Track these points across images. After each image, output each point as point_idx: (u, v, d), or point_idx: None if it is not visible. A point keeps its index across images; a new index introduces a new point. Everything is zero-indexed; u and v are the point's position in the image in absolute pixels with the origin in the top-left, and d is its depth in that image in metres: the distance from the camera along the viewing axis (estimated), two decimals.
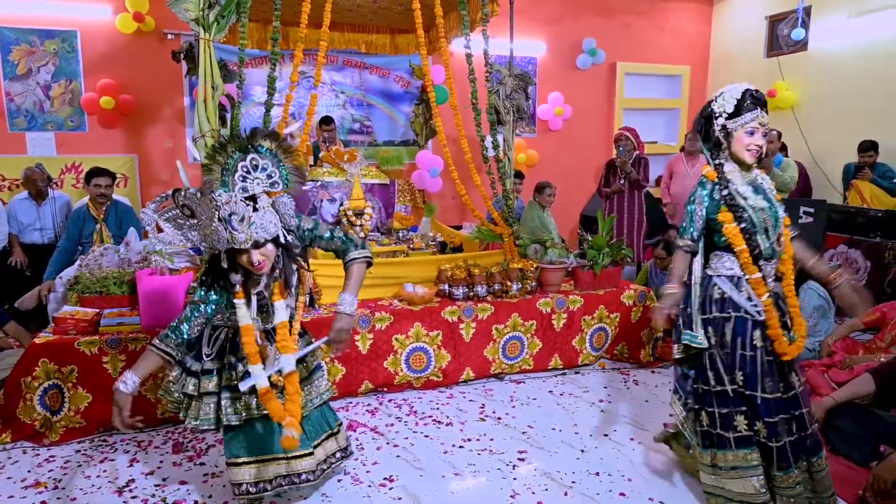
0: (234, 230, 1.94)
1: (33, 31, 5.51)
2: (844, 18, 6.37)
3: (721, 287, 2.29)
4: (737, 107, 2.23)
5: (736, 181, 2.28)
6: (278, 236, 2.08)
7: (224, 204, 1.94)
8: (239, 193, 2.00)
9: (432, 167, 6.13)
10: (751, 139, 2.23)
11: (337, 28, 5.17)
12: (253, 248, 2.00)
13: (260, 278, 2.14)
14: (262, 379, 2.10)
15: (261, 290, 2.16)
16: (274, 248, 2.08)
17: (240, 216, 1.95)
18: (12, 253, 4.79)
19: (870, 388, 2.77)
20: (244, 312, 2.11)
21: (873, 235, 5.02)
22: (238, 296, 2.12)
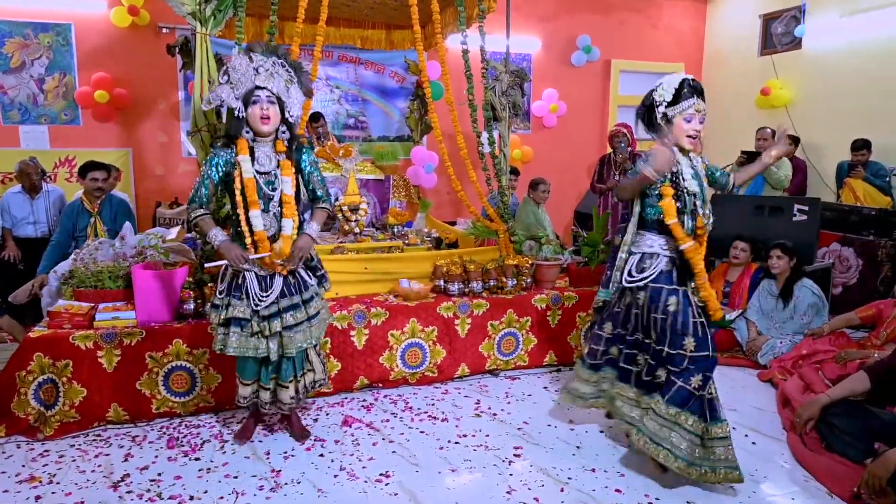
0: (258, 74, 2.50)
1: (27, 23, 5.47)
2: (837, 17, 6.40)
3: (634, 262, 2.63)
4: (675, 95, 2.44)
5: (682, 162, 2.49)
6: (285, 108, 2.58)
7: (258, 60, 2.52)
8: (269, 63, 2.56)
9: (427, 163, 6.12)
10: (689, 125, 2.46)
11: (333, 23, 5.15)
12: (266, 98, 2.50)
13: (265, 144, 2.60)
14: (258, 221, 2.57)
15: (263, 160, 2.59)
16: (279, 114, 2.55)
17: (265, 68, 2.53)
18: (5, 247, 4.76)
19: (865, 386, 2.79)
20: (248, 167, 2.54)
21: (866, 234, 5.06)
22: (242, 150, 2.54)
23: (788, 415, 3.12)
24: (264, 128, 2.54)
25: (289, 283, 2.68)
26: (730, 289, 4.50)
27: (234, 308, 2.61)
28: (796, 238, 4.39)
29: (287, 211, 2.61)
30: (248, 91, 2.51)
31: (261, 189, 2.58)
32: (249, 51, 2.55)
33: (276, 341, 2.67)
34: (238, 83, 2.52)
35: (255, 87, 2.50)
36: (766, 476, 2.65)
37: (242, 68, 2.51)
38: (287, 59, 2.62)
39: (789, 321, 4.06)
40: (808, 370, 3.45)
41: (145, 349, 3.07)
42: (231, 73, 2.53)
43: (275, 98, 2.54)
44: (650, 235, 2.60)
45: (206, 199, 2.63)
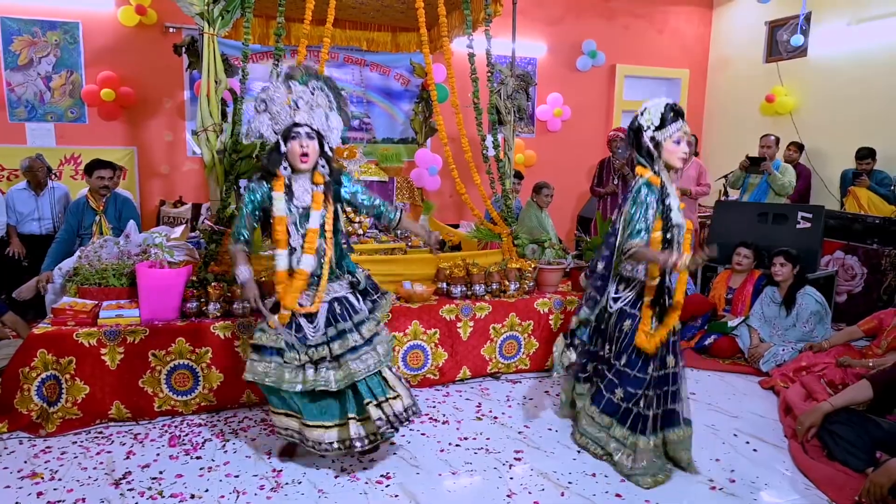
0: (298, 108, 2.42)
1: (35, 21, 5.50)
2: (844, 25, 6.40)
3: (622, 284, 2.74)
4: (662, 119, 2.51)
5: (671, 194, 2.55)
6: (324, 141, 2.49)
7: (297, 91, 2.43)
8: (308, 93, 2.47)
9: (431, 165, 6.14)
10: (678, 147, 2.53)
11: (339, 25, 5.17)
12: (305, 135, 2.41)
13: (302, 177, 2.50)
14: (283, 262, 2.49)
15: (300, 194, 2.49)
16: (317, 150, 2.46)
17: (306, 101, 2.44)
18: (10, 243, 4.78)
19: (867, 395, 2.79)
20: (281, 205, 2.46)
21: (870, 242, 5.05)
22: (277, 187, 2.47)
23: (790, 422, 3.11)
24: (303, 165, 2.45)
25: (333, 311, 2.57)
26: (732, 296, 4.49)
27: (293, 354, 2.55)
28: (799, 245, 4.39)
29: (308, 246, 2.47)
30: (288, 127, 2.43)
31: (298, 226, 2.50)
32: (289, 78, 2.45)
33: (330, 370, 2.53)
34: (277, 116, 2.44)
35: (294, 123, 2.42)
36: (767, 483, 2.64)
37: (281, 100, 2.43)
38: (327, 83, 2.52)
39: (792, 329, 4.05)
40: (810, 378, 3.44)
41: (148, 347, 3.08)
42: (269, 104, 2.44)
43: (314, 133, 2.45)
44: (628, 263, 2.67)
45: (246, 236, 2.55)
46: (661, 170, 2.55)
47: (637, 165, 2.62)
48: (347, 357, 2.51)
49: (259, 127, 2.45)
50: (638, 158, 2.60)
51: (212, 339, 3.17)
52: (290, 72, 2.46)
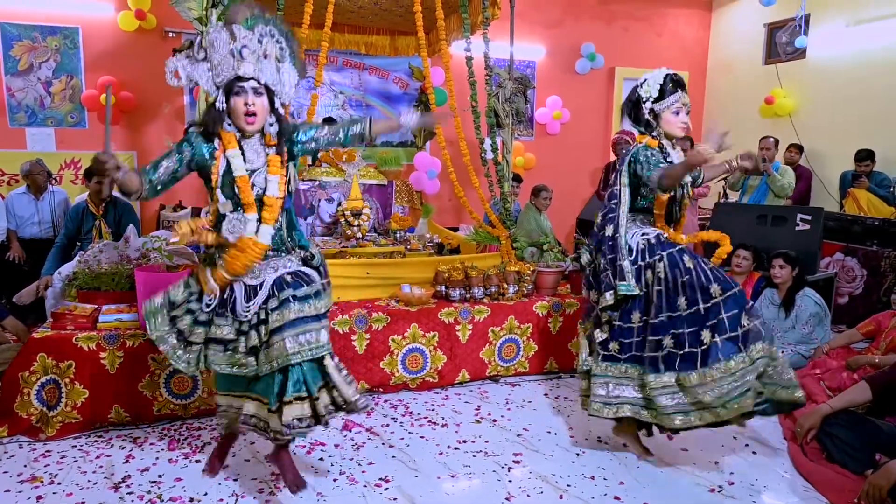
0: (243, 59, 2.05)
1: (35, 27, 5.52)
2: (843, 27, 6.41)
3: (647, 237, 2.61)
4: (661, 91, 2.52)
5: (672, 154, 2.54)
6: (274, 96, 2.14)
7: (241, 37, 2.05)
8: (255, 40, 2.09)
9: (430, 169, 6.14)
10: (677, 118, 2.54)
11: (337, 29, 5.18)
12: (252, 91, 2.07)
13: (251, 138, 2.16)
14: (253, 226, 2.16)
15: (250, 156, 2.15)
16: (267, 107, 2.13)
17: (251, 50, 2.07)
18: (10, 248, 4.79)
19: (866, 397, 2.78)
20: (239, 162, 2.12)
21: (870, 244, 5.05)
22: (230, 144, 2.12)
23: (789, 425, 3.11)
24: (249, 127, 2.12)
25: (281, 282, 2.20)
26: None
27: (218, 328, 2.23)
28: (799, 247, 4.39)
29: (268, 215, 2.17)
30: (230, 80, 2.07)
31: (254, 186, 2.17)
32: (230, 22, 2.07)
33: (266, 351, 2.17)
34: (219, 66, 2.07)
35: (237, 76, 2.07)
36: (766, 486, 2.64)
37: (224, 48, 2.05)
38: (277, 26, 2.15)
39: (791, 331, 4.05)
40: (810, 380, 3.44)
41: (147, 351, 3.08)
42: (209, 51, 2.08)
43: (263, 88, 2.10)
44: (641, 225, 2.65)
45: (153, 177, 2.11)
46: (660, 137, 2.55)
47: (638, 135, 2.63)
48: (286, 332, 2.11)
49: (194, 73, 2.10)
50: (639, 128, 2.60)
51: None
52: (231, 14, 2.10)
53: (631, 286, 2.58)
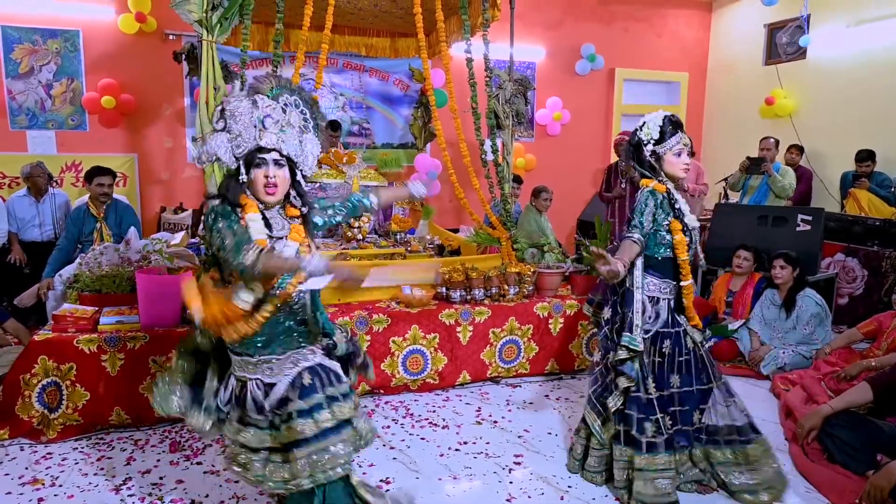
0: (266, 129, 1.92)
1: (36, 30, 5.53)
2: (843, 27, 6.42)
3: (656, 306, 2.50)
4: (661, 132, 2.49)
5: (679, 200, 2.51)
6: (295, 167, 2.01)
7: (265, 106, 1.93)
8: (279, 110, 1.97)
9: (430, 170, 6.15)
10: (679, 159, 2.51)
11: (338, 31, 5.19)
12: (273, 162, 1.93)
13: (272, 209, 2.00)
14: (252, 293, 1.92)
15: (276, 225, 2.00)
16: (288, 179, 1.98)
17: (275, 120, 1.94)
18: (11, 250, 4.80)
19: (867, 397, 2.78)
20: (259, 226, 1.94)
21: (871, 244, 5.05)
22: (250, 209, 1.95)
23: (791, 425, 3.10)
24: (270, 198, 1.95)
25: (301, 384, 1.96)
26: (732, 298, 4.49)
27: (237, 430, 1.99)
28: (799, 248, 4.39)
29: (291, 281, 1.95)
30: (251, 151, 1.92)
31: None
32: (254, 91, 1.95)
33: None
34: (239, 137, 1.92)
35: (258, 147, 1.92)
36: None
37: (245, 117, 1.91)
38: (302, 97, 2.03)
39: (792, 331, 4.05)
40: (811, 381, 3.44)
41: (148, 353, 3.08)
42: (230, 121, 1.92)
43: (284, 160, 1.95)
44: (652, 279, 2.50)
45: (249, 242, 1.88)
46: (665, 180, 2.54)
47: (642, 178, 2.61)
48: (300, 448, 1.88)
49: (215, 147, 1.92)
50: (641, 171, 2.59)
51: None
52: (256, 83, 1.98)
53: (636, 339, 2.41)
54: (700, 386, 2.53)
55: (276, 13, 3.61)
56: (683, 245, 2.47)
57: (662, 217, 2.47)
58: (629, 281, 2.49)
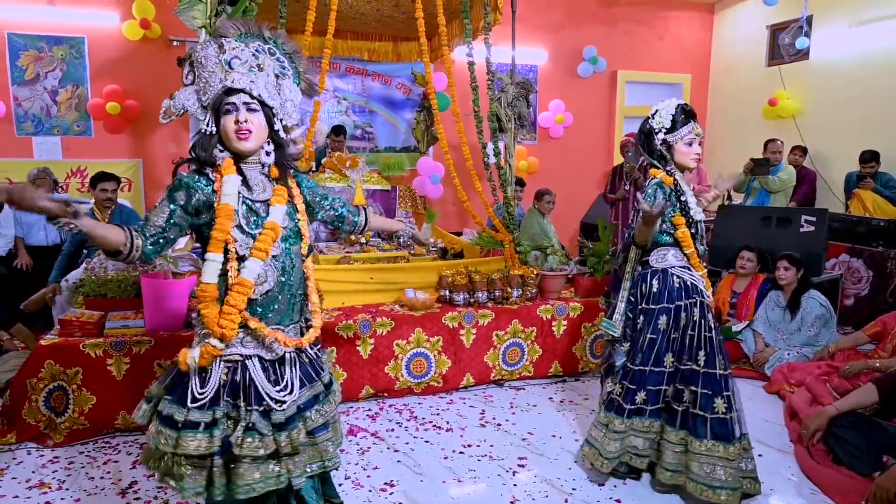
0: (232, 69, 1.69)
1: (41, 37, 5.57)
2: (846, 28, 6.41)
3: (681, 276, 2.51)
4: (673, 121, 2.48)
5: (686, 192, 2.51)
6: (275, 119, 1.76)
7: (231, 48, 1.71)
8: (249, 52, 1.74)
9: (433, 174, 6.16)
10: (691, 149, 2.50)
11: (340, 36, 5.22)
12: (243, 106, 1.69)
13: (252, 168, 1.76)
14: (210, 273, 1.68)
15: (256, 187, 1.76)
16: (264, 125, 1.73)
17: (243, 60, 1.71)
18: (17, 255, 4.83)
19: (873, 398, 2.77)
20: (231, 189, 1.68)
21: (875, 245, 5.03)
22: (227, 170, 1.70)
23: (796, 427, 3.10)
24: (242, 144, 1.70)
25: (303, 363, 1.81)
26: (737, 300, 4.48)
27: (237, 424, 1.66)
28: (804, 249, 4.38)
29: (259, 245, 1.70)
30: (218, 95, 1.70)
31: (247, 227, 1.71)
32: (220, 35, 1.73)
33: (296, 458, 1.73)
34: (206, 84, 1.71)
35: (226, 88, 1.69)
36: (772, 489, 2.63)
37: (212, 62, 1.70)
38: (277, 43, 1.80)
39: (797, 333, 4.04)
40: (816, 382, 3.43)
41: (153, 357, 3.10)
42: (198, 69, 1.72)
43: (257, 103, 1.71)
44: (662, 248, 2.54)
45: (148, 238, 1.65)
46: (673, 171, 2.53)
47: (650, 168, 2.60)
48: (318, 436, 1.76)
49: (182, 99, 1.73)
50: (650, 160, 2.57)
51: None
52: (221, 27, 1.75)
53: (613, 325, 2.59)
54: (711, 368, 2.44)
55: (279, 18, 3.64)
56: (688, 238, 2.48)
57: (669, 210, 2.47)
58: (620, 266, 2.61)
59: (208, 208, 1.71)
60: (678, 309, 2.49)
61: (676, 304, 2.49)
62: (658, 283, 2.52)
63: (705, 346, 2.46)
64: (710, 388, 2.42)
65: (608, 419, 2.56)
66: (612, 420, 2.54)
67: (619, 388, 2.55)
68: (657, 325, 2.49)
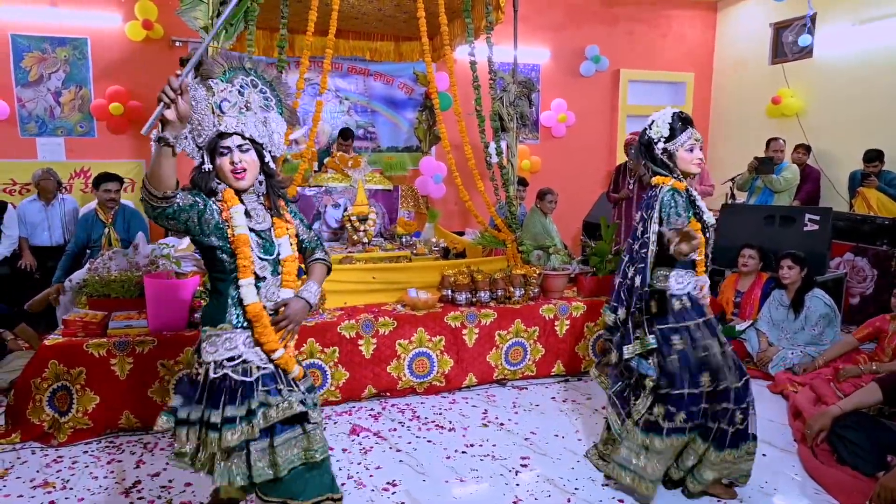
0: (223, 113, 1.84)
1: (45, 38, 5.59)
2: (849, 26, 6.38)
3: (683, 299, 2.50)
4: (671, 129, 2.48)
5: (696, 196, 2.50)
6: (263, 151, 1.91)
7: (220, 91, 1.85)
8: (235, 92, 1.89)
9: (436, 173, 6.16)
10: (692, 155, 2.49)
11: (342, 35, 5.23)
12: (237, 148, 1.84)
13: (249, 196, 1.93)
14: (251, 295, 1.85)
15: (257, 216, 1.92)
16: (257, 161, 1.89)
17: (232, 103, 1.86)
18: (22, 256, 4.85)
19: (876, 398, 2.76)
20: (241, 220, 1.86)
21: (880, 243, 5.01)
22: (231, 201, 1.86)
23: (799, 426, 3.09)
24: (240, 183, 1.86)
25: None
26: (740, 299, 4.47)
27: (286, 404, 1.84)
28: (807, 248, 4.36)
29: (287, 278, 1.95)
30: (213, 139, 1.84)
31: (263, 252, 1.91)
32: (206, 76, 1.86)
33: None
34: (199, 126, 1.84)
35: (219, 133, 1.84)
36: (776, 488, 2.63)
37: (202, 105, 1.84)
38: (259, 75, 1.94)
39: (800, 332, 4.03)
40: (820, 382, 3.42)
41: (157, 357, 3.11)
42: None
43: (248, 143, 1.86)
44: (678, 270, 2.51)
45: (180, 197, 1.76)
46: (680, 178, 2.52)
47: (655, 176, 2.57)
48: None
49: (183, 145, 1.85)
50: (654, 170, 2.56)
51: None
52: (206, 68, 1.87)
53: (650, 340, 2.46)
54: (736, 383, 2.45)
55: (281, 19, 3.64)
56: (702, 244, 2.44)
57: (684, 207, 2.46)
58: (639, 280, 2.49)
59: (217, 231, 1.85)
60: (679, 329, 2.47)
61: (684, 325, 2.47)
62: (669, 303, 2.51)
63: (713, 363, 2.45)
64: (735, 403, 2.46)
65: (647, 441, 2.47)
66: (652, 441, 2.46)
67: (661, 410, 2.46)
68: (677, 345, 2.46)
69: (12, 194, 5.52)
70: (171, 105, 1.66)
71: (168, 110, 1.67)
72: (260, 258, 1.89)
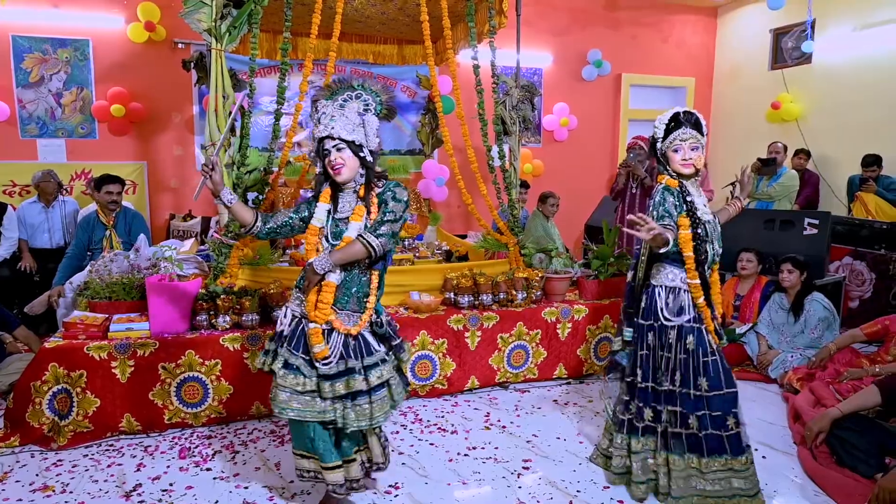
0: (320, 122, 2.27)
1: (46, 39, 5.59)
2: (849, 31, 6.41)
3: (664, 297, 2.51)
4: (666, 129, 2.49)
5: (693, 194, 2.51)
6: (361, 149, 2.27)
7: (322, 108, 2.29)
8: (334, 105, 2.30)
9: (438, 176, 6.17)
10: (677, 155, 2.48)
11: (345, 38, 5.23)
12: (334, 148, 2.23)
13: (347, 192, 2.33)
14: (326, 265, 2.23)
15: (342, 206, 2.33)
16: (354, 159, 2.27)
17: (329, 114, 2.26)
18: (22, 258, 4.84)
19: (876, 400, 2.77)
20: (321, 214, 2.33)
21: (878, 247, 5.03)
22: (323, 199, 2.34)
23: (799, 429, 3.09)
24: (339, 177, 2.26)
25: (348, 345, 2.28)
26: (740, 302, 4.48)
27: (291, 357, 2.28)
28: (807, 252, 4.37)
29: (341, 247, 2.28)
30: (317, 146, 2.29)
31: (330, 237, 2.30)
32: (315, 100, 2.34)
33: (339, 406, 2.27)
34: (314, 139, 2.33)
35: (319, 139, 2.27)
36: (776, 491, 2.63)
37: (312, 122, 2.33)
38: (366, 87, 2.34)
39: (800, 335, 4.03)
40: (819, 384, 3.42)
41: (158, 360, 3.10)
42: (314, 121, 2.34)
43: (342, 142, 2.23)
44: (672, 268, 2.52)
45: (266, 219, 2.40)
46: (675, 175, 2.53)
47: (659, 174, 2.61)
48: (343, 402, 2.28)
49: (312, 159, 2.39)
50: (659, 167, 2.61)
51: (221, 351, 3.19)
52: (316, 93, 2.36)
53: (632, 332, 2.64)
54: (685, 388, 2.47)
55: (284, 22, 3.64)
56: (688, 241, 2.44)
57: (675, 212, 2.47)
58: (630, 275, 2.64)
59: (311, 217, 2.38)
60: (653, 328, 2.53)
61: (659, 324, 2.51)
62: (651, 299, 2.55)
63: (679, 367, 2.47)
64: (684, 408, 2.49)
65: (628, 441, 2.59)
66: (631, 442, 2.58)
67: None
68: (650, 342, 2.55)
69: (12, 196, 5.51)
70: (209, 176, 2.30)
71: (208, 181, 2.32)
72: (327, 240, 2.30)
